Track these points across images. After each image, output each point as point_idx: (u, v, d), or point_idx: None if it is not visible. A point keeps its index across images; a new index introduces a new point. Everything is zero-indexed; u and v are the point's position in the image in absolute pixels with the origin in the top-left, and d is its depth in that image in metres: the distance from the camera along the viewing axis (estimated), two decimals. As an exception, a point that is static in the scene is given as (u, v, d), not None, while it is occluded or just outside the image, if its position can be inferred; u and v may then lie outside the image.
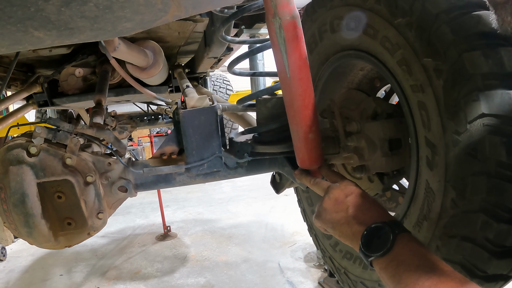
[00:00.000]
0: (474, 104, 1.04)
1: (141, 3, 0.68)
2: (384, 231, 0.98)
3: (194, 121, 1.34)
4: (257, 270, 5.50)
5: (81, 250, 6.62)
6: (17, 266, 6.25)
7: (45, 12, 0.69)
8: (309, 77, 1.13)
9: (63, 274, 5.83)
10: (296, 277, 5.23)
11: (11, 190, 1.26)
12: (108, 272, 5.76)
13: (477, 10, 1.13)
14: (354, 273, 1.77)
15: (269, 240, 6.54)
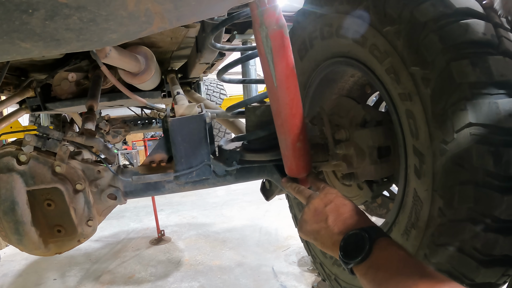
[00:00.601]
0: (462, 113, 1.04)
1: (124, 16, 0.69)
2: (361, 237, 0.98)
3: (183, 129, 1.34)
4: (251, 274, 5.51)
5: (75, 254, 6.59)
6: (11, 270, 6.24)
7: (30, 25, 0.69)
8: (297, 86, 1.14)
9: (56, 279, 5.82)
10: (290, 281, 5.23)
11: (1, 197, 1.26)
12: (101, 277, 5.75)
13: (466, 18, 1.12)
14: (344, 279, 1.77)
15: (263, 244, 6.55)
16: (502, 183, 1.02)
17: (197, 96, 3.13)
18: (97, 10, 0.67)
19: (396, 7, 1.21)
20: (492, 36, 1.10)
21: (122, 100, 3.34)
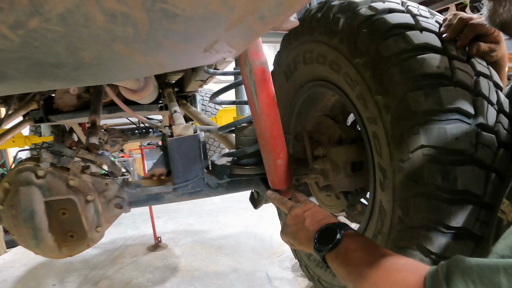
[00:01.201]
0: (415, 136, 1.23)
1: (132, 66, 0.88)
2: (332, 229, 1.15)
3: (180, 147, 1.54)
4: (245, 280, 5.65)
5: (73, 260, 6.67)
6: (10, 276, 6.35)
7: (58, 74, 0.88)
8: (277, 113, 1.34)
9: (56, 284, 5.92)
10: (283, 286, 5.37)
11: (21, 207, 1.45)
12: (100, 282, 5.86)
13: (423, 53, 1.28)
14: (326, 280, 1.96)
15: (258, 250, 6.69)
16: (450, 196, 1.20)
17: (193, 110, 3.32)
18: (112, 64, 0.86)
19: (364, 41, 1.40)
20: (445, 68, 1.26)
21: (121, 113, 3.52)
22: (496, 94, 1.32)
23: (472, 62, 1.34)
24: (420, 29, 1.35)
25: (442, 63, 1.27)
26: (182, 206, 10.24)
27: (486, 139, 1.23)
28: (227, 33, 0.69)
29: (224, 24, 0.64)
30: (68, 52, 0.69)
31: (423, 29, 1.35)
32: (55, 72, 0.86)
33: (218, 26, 0.64)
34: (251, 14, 0.61)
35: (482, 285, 0.72)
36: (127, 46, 0.67)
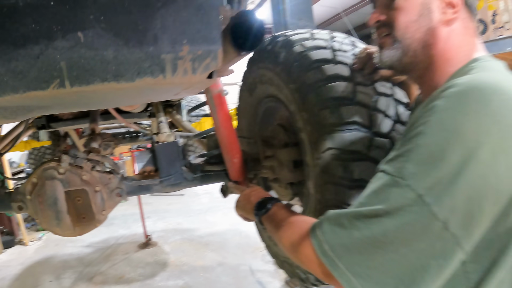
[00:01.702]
0: (325, 141, 1.75)
1: (136, 101, 1.47)
2: (266, 201, 1.67)
3: (164, 150, 2.14)
4: (230, 273, 6.22)
5: (68, 258, 7.27)
6: (8, 275, 6.79)
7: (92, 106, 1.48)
8: (231, 126, 1.94)
9: (52, 281, 6.40)
10: (265, 278, 5.95)
11: (47, 195, 2.03)
12: (94, 278, 6.38)
13: (333, 81, 1.77)
14: (283, 255, 2.53)
15: (243, 246, 7.27)
16: (349, 183, 1.71)
17: (177, 118, 3.90)
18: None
19: (295, 72, 1.93)
20: (349, 92, 1.74)
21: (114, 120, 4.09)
22: (394, 109, 1.84)
23: (375, 85, 1.82)
24: (335, 62, 1.85)
25: (347, 88, 1.77)
26: (171, 206, 10.81)
27: (380, 143, 1.73)
28: (186, 89, 1.29)
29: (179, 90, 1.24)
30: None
31: (338, 62, 1.85)
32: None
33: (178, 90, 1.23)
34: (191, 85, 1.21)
35: (334, 225, 1.14)
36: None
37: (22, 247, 8.24)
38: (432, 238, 0.92)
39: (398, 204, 0.96)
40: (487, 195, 0.91)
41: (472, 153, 0.90)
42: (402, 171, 0.98)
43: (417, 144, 0.98)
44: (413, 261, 0.94)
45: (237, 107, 2.79)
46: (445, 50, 1.23)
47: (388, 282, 0.97)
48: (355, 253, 1.01)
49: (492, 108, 0.93)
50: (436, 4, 1.23)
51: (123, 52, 0.96)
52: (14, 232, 8.52)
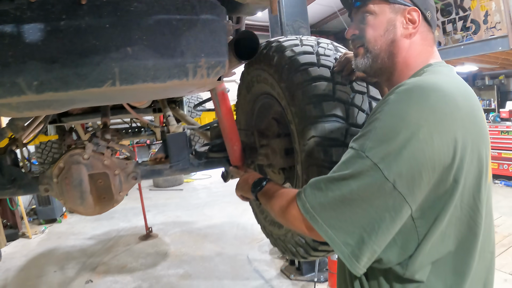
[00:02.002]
0: (309, 131, 2.10)
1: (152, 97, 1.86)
2: (261, 180, 1.89)
3: (174, 140, 2.53)
4: (228, 262, 6.61)
5: (71, 250, 7.66)
6: (13, 266, 7.14)
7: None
8: (233, 119, 2.34)
9: (56, 271, 6.78)
10: (261, 266, 6.34)
11: (73, 177, 2.39)
12: (97, 268, 6.75)
13: (316, 81, 2.14)
14: (276, 233, 2.90)
15: (240, 237, 7.67)
16: (329, 165, 2.04)
17: (181, 113, 4.28)
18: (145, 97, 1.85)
19: (285, 73, 2.28)
20: (329, 90, 2.11)
21: (122, 115, 4.47)
22: (368, 104, 2.16)
23: (352, 85, 2.17)
24: (319, 66, 2.21)
25: (328, 87, 2.13)
26: (170, 200, 11.21)
27: (354, 132, 2.06)
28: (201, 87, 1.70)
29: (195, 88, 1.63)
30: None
31: (321, 65, 2.22)
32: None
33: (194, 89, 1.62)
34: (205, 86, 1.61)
35: (314, 189, 1.37)
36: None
37: (26, 240, 8.58)
38: (385, 195, 1.23)
39: (360, 170, 1.26)
40: (424, 164, 1.21)
41: (413, 133, 1.21)
42: (363, 146, 1.28)
43: (374, 126, 1.28)
44: (372, 214, 1.25)
45: (236, 103, 3.18)
46: (406, 58, 1.54)
47: (354, 231, 1.27)
48: (329, 209, 1.31)
49: (430, 101, 1.24)
50: (400, 21, 1.53)
51: (159, 62, 1.37)
52: (18, 226, 8.87)
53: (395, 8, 1.54)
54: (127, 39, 1.33)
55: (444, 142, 1.23)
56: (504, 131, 11.00)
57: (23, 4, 1.26)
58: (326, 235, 1.31)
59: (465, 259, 1.40)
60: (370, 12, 1.57)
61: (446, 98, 1.28)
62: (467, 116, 1.31)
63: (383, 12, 1.55)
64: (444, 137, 1.23)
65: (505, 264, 5.95)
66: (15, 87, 1.31)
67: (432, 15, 1.58)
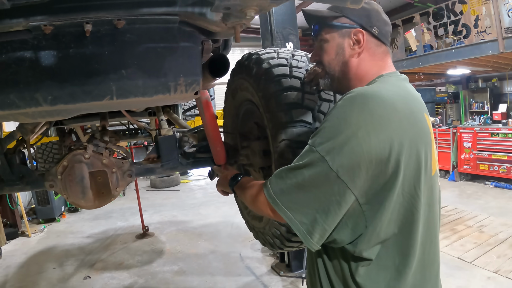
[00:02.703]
0: (280, 135, 2.41)
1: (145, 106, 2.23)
2: (237, 175, 2.16)
3: (165, 142, 2.90)
4: (221, 259, 6.95)
5: (70, 248, 7.98)
6: (13, 263, 7.44)
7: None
8: (215, 122, 2.71)
9: (56, 267, 7.08)
10: (253, 264, 6.68)
11: (75, 174, 2.74)
12: (95, 264, 7.07)
13: (288, 91, 2.43)
14: (257, 226, 3.24)
15: (234, 236, 8.01)
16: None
17: (174, 117, 4.64)
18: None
19: (262, 84, 2.58)
20: (298, 99, 2.40)
21: (119, 118, 4.82)
22: None
23: (320, 94, 2.46)
24: (291, 77, 2.51)
25: (297, 96, 2.42)
26: (167, 201, 11.54)
27: None
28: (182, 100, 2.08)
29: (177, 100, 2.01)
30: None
31: (293, 77, 2.52)
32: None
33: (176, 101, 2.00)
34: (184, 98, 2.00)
35: (277, 178, 1.60)
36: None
37: (25, 238, 8.91)
38: (330, 182, 1.45)
39: (311, 161, 1.48)
40: (362, 157, 1.43)
41: (353, 132, 1.43)
42: (315, 142, 1.50)
43: (323, 126, 1.51)
44: (321, 198, 1.48)
45: (224, 108, 3.50)
46: (357, 74, 1.76)
47: (308, 212, 1.50)
48: (288, 194, 1.54)
49: (369, 106, 1.46)
50: (347, 43, 1.74)
51: (147, 81, 1.77)
52: (17, 225, 9.19)
53: (343, 32, 1.75)
54: (122, 63, 1.72)
55: (381, 140, 1.44)
56: (494, 133, 11.31)
57: (39, 35, 1.62)
58: (285, 215, 1.54)
59: (408, 241, 1.60)
60: (324, 40, 1.80)
61: (384, 103, 1.49)
62: (405, 118, 1.52)
63: (333, 38, 1.78)
64: (380, 136, 1.44)
65: (490, 263, 6.24)
66: (34, 100, 1.69)
67: (380, 30, 1.76)
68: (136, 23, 1.70)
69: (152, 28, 1.74)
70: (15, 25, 1.55)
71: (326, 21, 1.80)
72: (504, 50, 9.74)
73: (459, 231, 7.67)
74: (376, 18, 1.76)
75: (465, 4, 10.96)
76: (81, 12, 1.61)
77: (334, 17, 1.78)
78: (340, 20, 1.77)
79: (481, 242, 7.11)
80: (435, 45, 12.32)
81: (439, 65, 12.12)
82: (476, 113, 14.41)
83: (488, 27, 10.24)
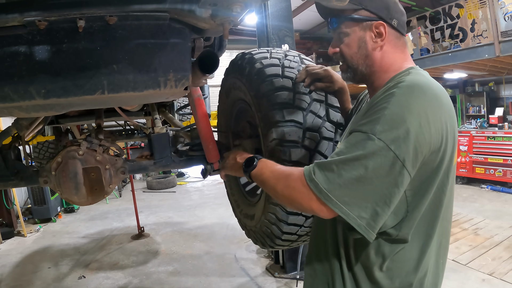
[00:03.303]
0: (271, 134, 2.44)
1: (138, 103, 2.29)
2: (252, 158, 1.96)
3: (158, 139, 2.95)
4: (216, 260, 6.99)
5: (65, 248, 8.02)
6: (8, 262, 7.47)
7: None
8: (208, 122, 2.76)
9: (51, 267, 7.12)
10: (248, 265, 6.72)
11: (69, 170, 2.78)
12: (90, 264, 7.11)
13: (279, 91, 2.46)
14: (249, 224, 3.28)
15: (229, 238, 8.05)
16: (288, 164, 2.36)
17: (169, 116, 4.69)
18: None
19: (254, 83, 2.62)
20: (289, 99, 2.45)
21: (115, 117, 4.86)
22: (325, 111, 2.48)
23: (312, 94, 2.49)
24: (282, 77, 2.54)
25: (289, 96, 2.47)
26: (163, 202, 11.58)
27: (310, 136, 2.41)
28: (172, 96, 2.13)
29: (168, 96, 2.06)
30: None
31: (285, 77, 2.55)
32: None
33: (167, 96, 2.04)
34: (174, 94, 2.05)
35: (324, 170, 1.50)
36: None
37: (21, 238, 8.94)
38: (395, 173, 1.43)
39: (373, 150, 1.43)
40: (424, 146, 1.45)
41: (418, 121, 1.43)
42: (374, 130, 1.45)
43: (384, 114, 1.46)
44: (383, 190, 1.44)
45: (218, 107, 3.53)
46: (381, 66, 1.75)
47: (367, 205, 1.45)
48: (344, 188, 1.46)
49: (427, 97, 1.50)
50: (369, 36, 1.73)
51: (137, 76, 1.82)
52: (13, 224, 9.21)
53: (363, 25, 1.74)
54: (114, 58, 1.78)
55: (437, 130, 1.49)
56: (490, 137, 11.39)
57: (34, 30, 1.67)
58: (341, 211, 1.47)
59: (432, 222, 1.67)
60: (344, 33, 1.79)
61: (437, 95, 1.54)
62: (449, 109, 1.58)
63: (354, 32, 1.76)
64: (437, 126, 1.48)
65: (484, 265, 6.30)
66: (27, 93, 1.74)
67: (399, 21, 1.76)
68: (127, 19, 1.75)
69: (143, 25, 1.79)
70: (10, 20, 1.59)
71: (346, 14, 1.78)
72: (501, 54, 9.80)
73: (455, 233, 7.72)
74: (395, 9, 1.76)
75: (461, 8, 11.03)
76: (74, 8, 1.65)
77: (354, 10, 1.76)
78: (360, 13, 1.75)
79: (476, 245, 7.16)
80: (432, 48, 12.40)
81: (435, 68, 12.16)
82: (473, 116, 14.47)
83: (484, 31, 10.29)
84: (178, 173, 16.37)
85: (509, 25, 9.74)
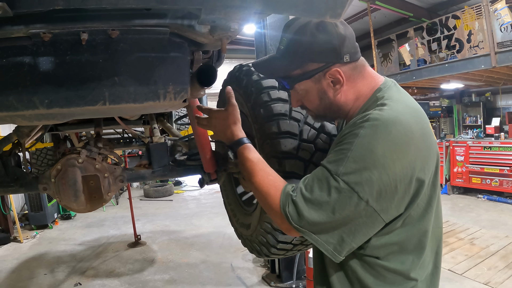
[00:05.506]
0: (267, 145, 2.48)
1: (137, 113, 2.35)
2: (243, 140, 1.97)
3: (156, 149, 3.00)
4: (213, 269, 7.03)
5: (61, 255, 8.05)
6: (4, 268, 7.51)
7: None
8: (206, 132, 2.81)
9: (47, 274, 7.16)
10: (244, 274, 6.76)
11: (68, 178, 2.83)
12: (86, 272, 7.14)
13: (276, 103, 2.53)
14: (245, 234, 3.33)
15: (225, 246, 8.10)
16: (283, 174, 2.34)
17: (167, 126, 4.75)
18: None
19: (251, 95, 2.69)
20: (285, 111, 2.48)
21: (114, 126, 4.92)
22: (320, 123, 2.49)
23: None
24: (279, 89, 2.61)
25: (284, 108, 2.53)
26: (160, 210, 11.64)
27: (305, 147, 2.46)
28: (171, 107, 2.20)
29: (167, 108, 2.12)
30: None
31: (281, 89, 2.62)
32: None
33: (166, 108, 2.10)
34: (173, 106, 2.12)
35: (296, 203, 1.55)
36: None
37: (17, 244, 8.98)
38: (360, 211, 1.50)
39: (337, 192, 1.50)
40: (389, 185, 1.49)
41: (381, 164, 1.48)
42: (338, 171, 1.51)
43: (347, 156, 1.51)
44: (349, 224, 1.52)
45: (216, 117, 3.58)
46: (347, 101, 1.77)
47: (334, 232, 1.54)
48: (313, 225, 1.54)
49: (392, 135, 1.50)
50: (327, 84, 1.73)
51: (138, 88, 1.88)
52: (9, 230, 9.25)
53: (317, 78, 1.72)
54: (115, 70, 1.84)
55: (404, 165, 1.51)
56: (486, 147, 11.49)
57: (38, 42, 1.73)
58: (310, 237, 1.57)
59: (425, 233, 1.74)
60: (301, 91, 1.81)
61: (404, 129, 1.53)
62: (420, 139, 1.58)
63: (310, 87, 1.77)
64: (403, 162, 1.51)
65: (480, 275, 6.37)
66: (31, 103, 1.80)
67: (350, 54, 1.70)
68: (129, 33, 1.82)
69: (144, 39, 1.86)
70: (16, 31, 1.65)
71: (294, 74, 1.77)
72: (497, 65, 9.91)
73: (451, 243, 7.79)
74: (341, 45, 1.69)
75: (458, 19, 11.15)
76: (78, 21, 1.72)
77: (300, 67, 1.74)
78: (308, 67, 1.73)
79: (472, 254, 7.22)
80: (428, 59, 12.50)
81: (432, 79, 12.28)
82: (470, 127, 14.59)
83: (481, 42, 10.41)
84: (175, 181, 16.43)
85: (505, 36, 9.88)
